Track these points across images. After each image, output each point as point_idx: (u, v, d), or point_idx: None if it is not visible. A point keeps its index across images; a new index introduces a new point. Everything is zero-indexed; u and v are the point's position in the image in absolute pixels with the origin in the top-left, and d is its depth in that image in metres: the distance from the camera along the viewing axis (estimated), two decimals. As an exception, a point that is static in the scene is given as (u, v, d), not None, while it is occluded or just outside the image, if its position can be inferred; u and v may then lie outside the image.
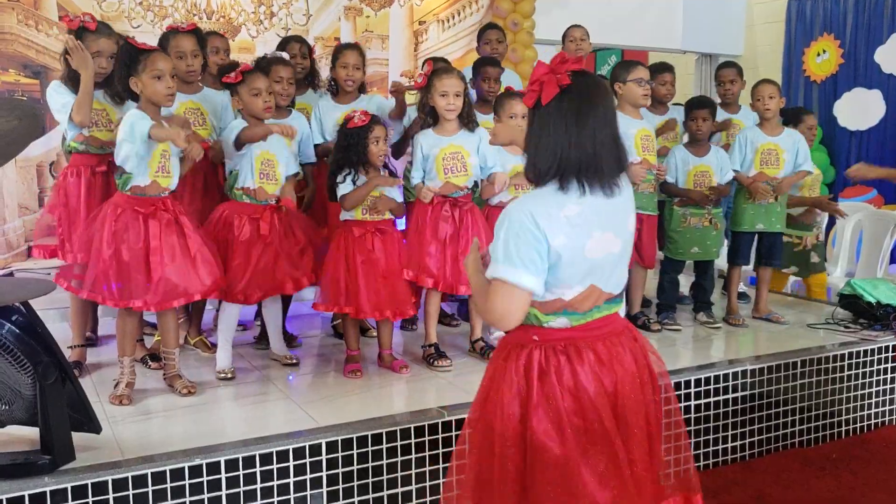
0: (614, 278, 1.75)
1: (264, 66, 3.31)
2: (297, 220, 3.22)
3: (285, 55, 3.49)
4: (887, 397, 3.66)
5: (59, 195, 3.05)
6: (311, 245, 3.22)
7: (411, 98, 3.66)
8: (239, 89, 3.04)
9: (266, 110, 3.05)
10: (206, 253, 2.88)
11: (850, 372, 3.53)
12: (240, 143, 3.02)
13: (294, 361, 3.25)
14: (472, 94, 3.68)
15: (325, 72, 3.86)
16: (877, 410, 3.63)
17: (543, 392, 1.67)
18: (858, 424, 3.58)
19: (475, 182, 3.30)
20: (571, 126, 1.64)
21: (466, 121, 3.23)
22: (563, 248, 1.63)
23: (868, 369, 3.58)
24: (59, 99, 2.90)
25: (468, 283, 3.05)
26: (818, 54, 6.85)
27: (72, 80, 2.93)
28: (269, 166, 3.09)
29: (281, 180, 3.15)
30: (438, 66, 3.25)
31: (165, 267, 2.77)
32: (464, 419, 2.63)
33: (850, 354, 3.52)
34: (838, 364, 3.49)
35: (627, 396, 1.70)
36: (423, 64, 3.32)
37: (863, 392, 3.57)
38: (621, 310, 1.85)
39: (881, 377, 3.62)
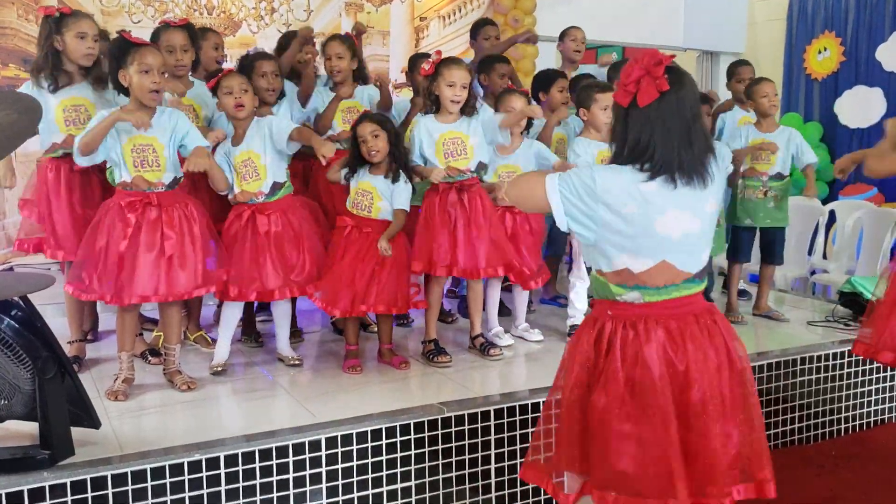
0: (691, 258, 1.78)
1: (247, 63, 3.30)
2: (301, 221, 3.15)
3: (267, 50, 3.50)
4: (887, 395, 3.66)
5: (40, 193, 3.03)
6: (310, 247, 3.14)
7: (406, 92, 3.67)
8: (217, 91, 3.05)
9: (236, 108, 3.02)
10: (187, 257, 2.81)
11: (849, 370, 3.52)
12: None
13: (298, 363, 3.23)
14: (479, 90, 3.71)
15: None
16: (876, 408, 3.63)
17: (608, 363, 1.75)
18: (858, 422, 3.58)
19: (479, 163, 3.25)
20: (669, 129, 1.71)
21: (467, 110, 3.21)
22: (633, 217, 1.72)
23: (868, 367, 3.57)
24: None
25: (484, 267, 3.17)
26: (819, 52, 6.84)
27: (50, 67, 2.93)
28: (246, 166, 3.05)
29: (265, 174, 3.06)
30: (447, 57, 3.25)
31: (136, 265, 2.74)
32: (463, 415, 2.65)
33: (850, 352, 3.51)
34: (838, 362, 3.49)
35: (702, 375, 1.73)
36: (433, 53, 3.31)
37: (862, 390, 3.57)
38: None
39: (881, 375, 3.62)
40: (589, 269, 1.91)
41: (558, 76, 3.85)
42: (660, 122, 1.71)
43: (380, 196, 3.11)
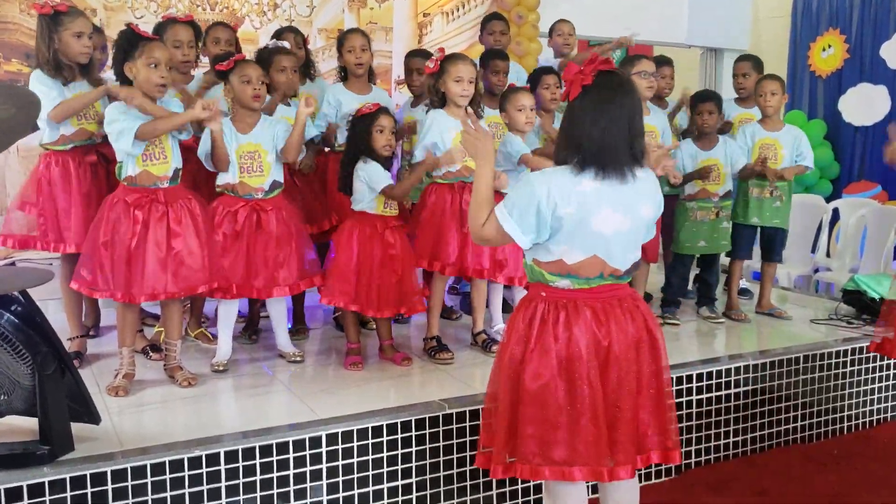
0: (621, 255, 1.96)
1: (266, 56, 3.28)
2: (291, 219, 3.14)
3: (286, 44, 3.47)
4: (890, 393, 3.64)
5: (42, 186, 3.01)
6: (298, 248, 3.12)
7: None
8: (230, 77, 3.00)
9: (254, 99, 3.00)
10: (194, 252, 2.82)
11: (852, 368, 3.51)
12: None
13: (300, 359, 3.22)
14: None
15: (329, 63, 3.85)
16: (879, 406, 3.61)
17: (540, 339, 1.94)
18: (861, 420, 3.56)
19: None
20: (590, 119, 1.89)
21: (474, 109, 3.20)
22: (570, 217, 1.88)
23: (871, 365, 3.56)
24: (46, 92, 2.85)
25: (488, 268, 3.18)
26: (824, 49, 6.81)
27: (53, 65, 2.91)
28: (251, 159, 3.04)
29: (269, 171, 3.06)
30: (452, 52, 3.23)
31: (145, 262, 2.74)
32: (465, 412, 2.64)
33: (853, 350, 3.50)
34: (841, 360, 3.47)
35: (621, 352, 1.93)
36: (436, 51, 3.29)
37: (865, 388, 3.56)
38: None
39: (884, 373, 3.60)
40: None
41: (542, 74, 3.73)
42: (583, 115, 1.89)
43: None
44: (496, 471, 2.01)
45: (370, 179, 3.04)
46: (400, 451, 2.56)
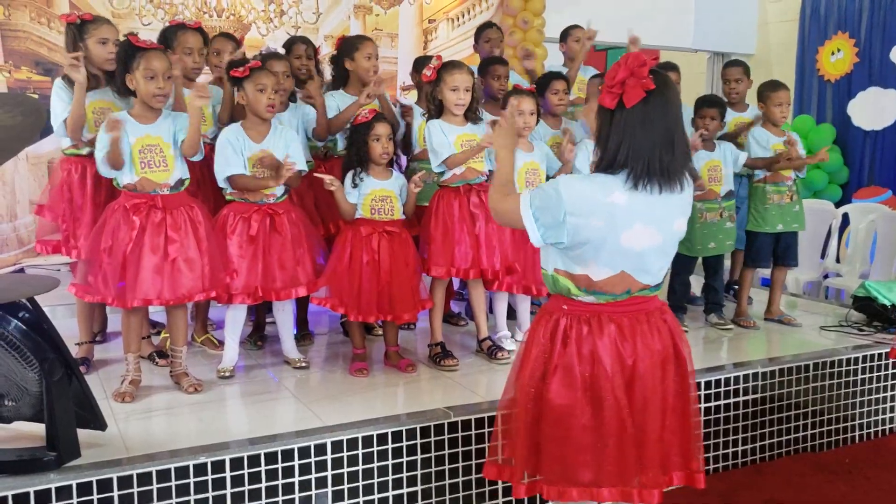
0: (650, 271, 1.85)
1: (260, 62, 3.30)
2: (301, 220, 3.16)
3: (280, 49, 3.50)
4: (901, 401, 3.61)
5: (63, 191, 3.05)
6: (310, 248, 3.15)
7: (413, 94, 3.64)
8: (245, 84, 3.00)
9: (268, 108, 3.01)
10: (192, 260, 2.81)
11: (863, 375, 3.48)
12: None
13: (305, 365, 3.21)
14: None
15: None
16: (891, 415, 3.58)
17: (564, 356, 1.83)
18: (872, 429, 3.53)
19: (490, 171, 3.27)
20: (656, 129, 1.74)
21: (472, 115, 3.21)
22: (597, 231, 1.76)
23: (882, 373, 3.52)
24: (59, 104, 2.91)
25: (501, 269, 3.17)
26: (832, 53, 6.77)
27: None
28: (264, 166, 3.03)
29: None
30: (448, 61, 3.23)
31: (140, 267, 2.74)
32: (470, 420, 2.63)
33: (864, 358, 3.47)
34: (851, 367, 3.44)
35: (647, 371, 1.82)
36: (433, 58, 3.29)
37: (877, 396, 3.52)
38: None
39: (895, 381, 3.57)
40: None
41: (552, 79, 3.75)
42: (645, 123, 1.73)
43: (397, 197, 3.14)
44: (518, 490, 1.92)
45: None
46: (405, 459, 2.55)
